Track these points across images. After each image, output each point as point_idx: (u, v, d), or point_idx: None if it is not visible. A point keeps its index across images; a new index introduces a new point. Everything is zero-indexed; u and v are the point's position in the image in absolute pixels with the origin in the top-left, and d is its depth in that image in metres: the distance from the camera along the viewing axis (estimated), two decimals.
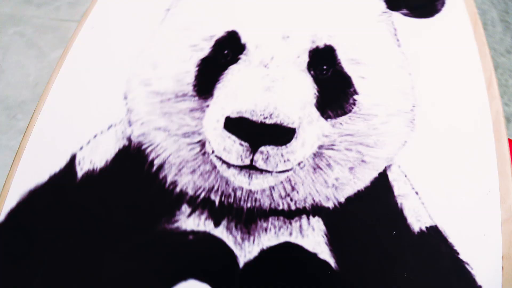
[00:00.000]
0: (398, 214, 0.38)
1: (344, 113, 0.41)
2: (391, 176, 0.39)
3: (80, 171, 0.41)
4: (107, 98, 0.43)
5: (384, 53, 0.43)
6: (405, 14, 0.44)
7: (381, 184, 0.39)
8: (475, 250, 0.36)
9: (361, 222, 0.38)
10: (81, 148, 0.42)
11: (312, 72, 0.42)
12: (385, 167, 0.39)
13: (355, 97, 0.41)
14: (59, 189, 0.40)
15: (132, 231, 0.39)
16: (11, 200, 0.40)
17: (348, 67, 0.42)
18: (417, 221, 0.38)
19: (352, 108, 0.41)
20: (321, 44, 0.43)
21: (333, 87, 0.42)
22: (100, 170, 0.41)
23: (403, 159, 0.39)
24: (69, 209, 0.40)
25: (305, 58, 0.42)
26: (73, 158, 0.41)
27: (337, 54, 0.43)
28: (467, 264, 0.36)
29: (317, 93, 0.41)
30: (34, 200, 0.40)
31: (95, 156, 0.41)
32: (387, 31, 0.44)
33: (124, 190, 0.40)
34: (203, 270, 0.37)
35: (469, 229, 0.37)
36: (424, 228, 0.37)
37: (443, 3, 0.44)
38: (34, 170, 0.41)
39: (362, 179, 0.39)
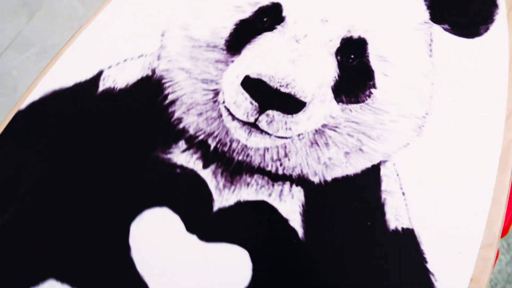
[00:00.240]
0: (378, 208, 0.38)
1: (357, 101, 0.42)
2: (383, 170, 0.39)
3: (102, 86, 0.44)
4: (146, 31, 0.46)
5: (414, 58, 0.43)
6: (445, 29, 0.44)
7: (371, 175, 0.39)
8: (445, 265, 0.36)
9: (340, 204, 0.38)
10: (110, 67, 0.45)
11: (338, 57, 0.43)
12: (380, 161, 0.40)
13: (372, 90, 0.42)
14: (78, 95, 0.44)
15: (127, 150, 0.41)
16: (36, 94, 0.44)
17: (375, 62, 0.43)
18: (395, 220, 0.37)
19: (366, 99, 0.42)
20: (355, 35, 0.44)
21: (354, 75, 0.42)
22: (119, 89, 0.44)
23: (400, 159, 0.39)
24: (81, 115, 0.43)
25: (336, 44, 0.44)
26: (100, 73, 0.45)
27: (368, 48, 0.44)
28: (432, 275, 0.35)
29: (337, 77, 0.42)
30: (54, 99, 0.44)
31: (119, 77, 0.44)
32: (422, 39, 0.44)
33: (134, 112, 0.43)
34: (178, 202, 0.39)
35: (446, 243, 0.36)
36: (399, 228, 0.37)
37: (486, 29, 0.44)
38: (64, 75, 0.45)
39: (354, 166, 0.40)
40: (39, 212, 0.39)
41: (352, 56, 0.43)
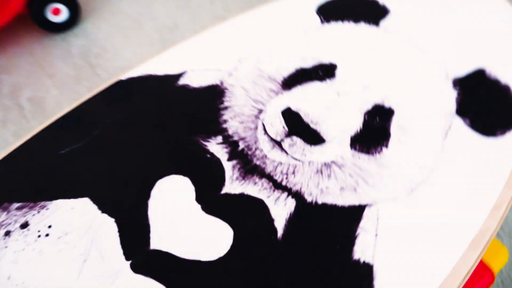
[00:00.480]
0: (350, 237, 0.44)
1: (367, 153, 0.49)
2: (367, 211, 0.45)
3: (182, 81, 0.57)
4: (229, 54, 0.59)
5: (429, 136, 0.50)
6: (465, 122, 0.51)
7: (355, 211, 0.45)
8: None
9: (320, 223, 0.45)
10: (193, 70, 0.58)
11: (366, 117, 0.52)
12: (367, 203, 0.46)
13: (384, 148, 0.49)
14: (162, 82, 0.57)
15: (179, 129, 0.53)
16: (137, 72, 0.59)
17: (394, 129, 0.51)
18: (361, 252, 0.43)
19: (375, 154, 0.49)
20: (387, 105, 0.52)
21: (373, 134, 0.50)
22: (193, 87, 0.57)
23: (385, 207, 0.45)
24: (158, 96, 0.56)
25: (368, 107, 0.52)
26: (184, 72, 0.58)
27: (393, 117, 0.52)
28: None
29: (358, 131, 0.51)
30: (146, 79, 0.58)
31: (196, 79, 0.57)
32: (442, 123, 0.51)
33: (195, 105, 0.55)
34: (199, 178, 0.48)
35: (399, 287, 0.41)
36: (361, 261, 0.42)
37: (503, 133, 0.49)
38: (161, 66, 0.59)
39: (344, 199, 0.46)
40: (100, 149, 0.52)
41: (377, 119, 0.51)
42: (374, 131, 0.51)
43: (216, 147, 0.51)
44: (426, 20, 0.63)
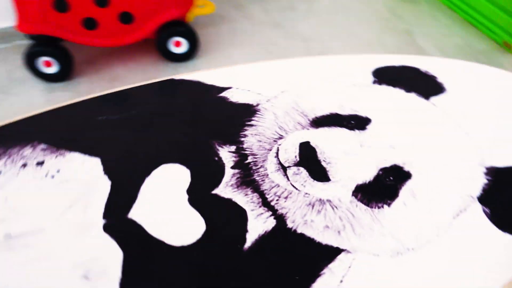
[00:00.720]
0: (314, 274, 0.41)
1: (367, 205, 0.47)
2: (342, 255, 0.43)
3: (223, 94, 0.61)
4: (275, 85, 0.63)
5: (438, 211, 0.46)
6: (484, 211, 0.46)
7: (330, 251, 0.43)
8: None
9: (291, 251, 0.43)
10: (237, 88, 0.62)
11: (380, 172, 0.50)
12: (346, 249, 0.43)
13: (385, 206, 0.47)
14: (205, 91, 0.62)
15: (203, 129, 0.56)
16: (191, 76, 0.64)
17: (404, 193, 0.48)
18: None
19: (374, 208, 0.47)
20: (406, 168, 0.50)
21: (381, 190, 0.48)
22: (230, 101, 0.61)
23: (363, 258, 0.42)
24: (198, 100, 0.61)
25: (386, 164, 0.51)
26: (229, 88, 0.62)
27: (407, 181, 0.49)
28: None
29: (366, 182, 0.49)
30: (193, 84, 0.63)
31: (237, 95, 0.61)
32: (458, 202, 0.47)
33: (226, 114, 0.58)
34: (199, 173, 0.50)
35: None
36: None
37: None
38: (210, 77, 0.64)
39: (324, 237, 0.44)
40: (129, 125, 0.57)
41: (391, 178, 0.49)
42: (383, 188, 0.49)
43: (226, 153, 0.53)
44: (479, 106, 0.61)
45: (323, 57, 0.70)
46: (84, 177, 0.50)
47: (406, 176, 0.50)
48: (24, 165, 0.52)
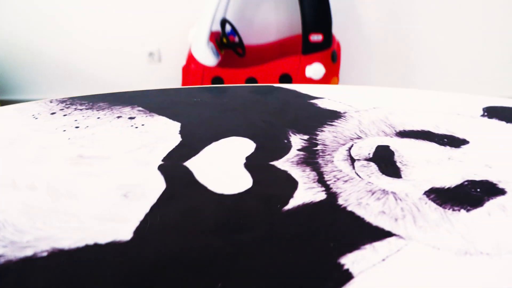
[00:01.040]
0: (352, 245, 0.35)
1: (440, 205, 0.39)
2: (391, 239, 0.35)
3: (315, 100, 0.61)
4: (370, 103, 0.60)
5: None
6: None
7: (378, 232, 0.36)
8: None
9: (333, 223, 0.37)
10: (329, 99, 0.61)
11: (466, 182, 0.42)
12: (399, 234, 0.36)
13: (463, 211, 0.38)
14: (299, 95, 0.62)
15: (278, 118, 0.56)
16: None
17: (492, 204, 0.39)
18: (350, 262, 0.33)
19: (448, 209, 0.39)
20: (501, 186, 0.42)
21: (461, 196, 0.40)
22: (318, 106, 0.60)
23: (418, 247, 0.34)
24: (288, 98, 0.61)
25: (476, 178, 0.43)
26: (322, 98, 0.62)
27: (500, 197, 0.40)
28: None
29: (445, 186, 0.42)
30: (288, 91, 0.65)
31: (326, 104, 0.60)
32: None
33: (309, 112, 0.57)
34: (261, 148, 0.49)
35: None
36: (344, 268, 0.33)
37: None
38: (316, 89, 0.65)
39: (376, 220, 0.37)
40: (212, 108, 0.60)
41: (478, 190, 0.42)
42: (464, 195, 0.40)
43: (297, 139, 0.51)
44: None
45: (434, 92, 0.65)
46: (161, 133, 0.53)
47: (499, 191, 0.41)
48: (119, 117, 0.57)
